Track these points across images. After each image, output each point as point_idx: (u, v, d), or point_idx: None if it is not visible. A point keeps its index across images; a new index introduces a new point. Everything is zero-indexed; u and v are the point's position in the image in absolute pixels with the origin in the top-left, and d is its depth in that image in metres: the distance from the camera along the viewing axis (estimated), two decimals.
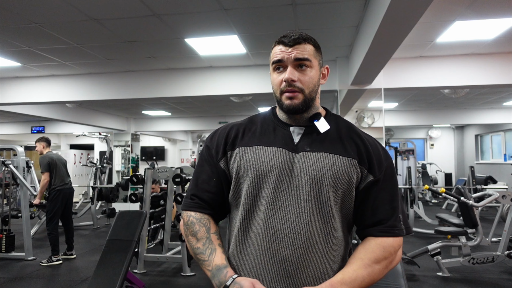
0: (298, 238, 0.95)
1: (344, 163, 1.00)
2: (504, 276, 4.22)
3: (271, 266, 0.95)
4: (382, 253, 0.97)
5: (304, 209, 0.96)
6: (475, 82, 4.55)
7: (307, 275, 0.95)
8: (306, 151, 1.01)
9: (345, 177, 0.99)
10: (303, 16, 3.37)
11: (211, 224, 1.05)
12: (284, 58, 1.02)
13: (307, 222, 0.95)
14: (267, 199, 0.98)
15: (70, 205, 5.15)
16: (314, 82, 1.04)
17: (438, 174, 11.85)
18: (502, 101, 8.24)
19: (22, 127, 10.38)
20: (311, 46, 1.04)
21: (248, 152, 1.04)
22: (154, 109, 9.06)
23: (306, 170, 0.98)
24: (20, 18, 3.38)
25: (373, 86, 4.46)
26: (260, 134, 1.06)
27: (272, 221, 0.96)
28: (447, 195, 4.54)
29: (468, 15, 3.35)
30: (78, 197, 10.44)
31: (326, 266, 0.97)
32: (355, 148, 1.03)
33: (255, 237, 0.98)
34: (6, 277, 4.26)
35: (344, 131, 1.06)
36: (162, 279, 4.20)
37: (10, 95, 5.64)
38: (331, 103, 8.05)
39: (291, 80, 1.00)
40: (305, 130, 1.05)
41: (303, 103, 1.02)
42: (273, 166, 1.00)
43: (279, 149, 1.02)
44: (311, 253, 0.95)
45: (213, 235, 1.03)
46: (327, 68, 1.10)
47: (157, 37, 3.91)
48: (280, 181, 0.99)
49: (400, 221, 1.02)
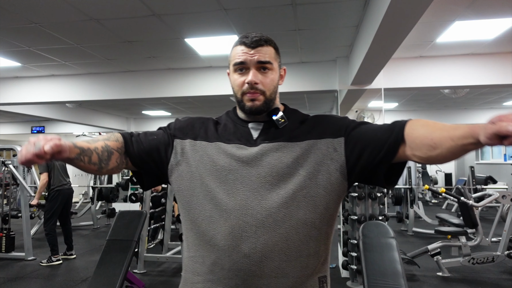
0: (261, 226, 0.95)
1: (303, 147, 1.01)
2: (504, 276, 4.23)
3: (236, 256, 0.96)
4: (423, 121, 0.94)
5: (265, 197, 0.97)
6: (475, 82, 4.55)
7: (274, 260, 0.96)
8: (265, 143, 1.02)
9: (305, 160, 1.00)
10: (303, 16, 3.37)
11: (117, 143, 1.05)
12: (246, 60, 1.02)
13: (268, 209, 0.96)
14: (227, 191, 0.99)
15: (69, 205, 5.16)
16: (275, 84, 1.07)
17: (438, 174, 11.86)
18: (502, 101, 8.24)
19: (22, 127, 10.39)
20: (272, 49, 1.06)
21: (209, 147, 1.05)
22: (154, 109, 9.06)
23: (266, 160, 1.00)
24: (20, 18, 3.38)
25: (373, 86, 4.46)
26: (221, 131, 1.08)
27: (233, 212, 0.97)
28: (447, 195, 4.54)
29: (468, 15, 3.35)
30: (78, 197, 10.44)
31: (291, 249, 0.97)
32: (313, 131, 1.05)
33: (217, 229, 0.98)
34: (6, 277, 4.26)
35: (299, 121, 1.09)
36: (162, 279, 4.20)
37: (10, 95, 5.64)
38: (331, 103, 8.06)
39: (254, 83, 1.02)
40: (263, 125, 1.07)
41: (264, 105, 1.04)
42: (231, 160, 1.01)
43: (237, 145, 1.03)
44: (274, 238, 0.96)
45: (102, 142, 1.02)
46: (284, 69, 1.13)
47: (157, 37, 3.91)
48: (239, 173, 0.99)
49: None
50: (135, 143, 1.08)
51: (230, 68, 1.09)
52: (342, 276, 4.31)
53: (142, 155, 1.08)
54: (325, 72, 4.85)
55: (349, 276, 4.06)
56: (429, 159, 0.90)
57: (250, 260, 0.94)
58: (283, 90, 4.96)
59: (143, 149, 1.08)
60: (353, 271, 3.94)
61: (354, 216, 3.90)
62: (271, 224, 0.95)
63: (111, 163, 1.04)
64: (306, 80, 4.91)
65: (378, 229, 3.06)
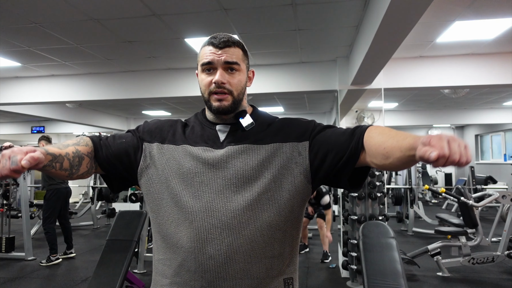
0: (226, 228, 0.96)
1: (268, 150, 1.02)
2: (504, 276, 4.23)
3: (201, 258, 0.96)
4: (386, 129, 0.94)
5: (229, 199, 0.98)
6: (475, 82, 4.55)
7: (239, 262, 0.97)
8: (231, 145, 1.03)
9: (271, 162, 1.01)
10: (303, 16, 3.37)
11: (86, 148, 1.04)
12: (214, 60, 1.04)
13: (233, 211, 0.97)
14: (193, 194, 0.99)
15: (67, 204, 5.17)
16: (242, 85, 1.07)
17: (438, 174, 11.86)
18: (502, 101, 8.24)
19: (22, 127, 10.39)
20: (239, 50, 1.07)
21: (176, 150, 1.05)
22: (154, 109, 9.06)
23: (231, 163, 1.00)
24: (20, 18, 3.38)
25: (373, 86, 4.46)
26: (188, 134, 1.09)
27: (199, 214, 0.97)
28: (447, 195, 4.55)
29: (468, 15, 3.35)
30: (78, 197, 10.45)
31: (260, 250, 0.98)
32: (279, 134, 1.05)
33: (183, 232, 0.99)
34: (6, 277, 4.26)
35: (267, 124, 1.09)
36: None
37: (10, 95, 5.64)
38: (331, 103, 8.06)
39: (221, 83, 1.03)
40: (230, 127, 1.08)
41: (232, 105, 1.05)
42: (197, 163, 1.02)
43: (203, 148, 1.04)
44: (239, 240, 0.96)
45: (73, 147, 1.01)
46: (252, 71, 1.14)
47: (157, 37, 3.91)
48: (204, 176, 1.00)
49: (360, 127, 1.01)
50: (103, 146, 1.08)
51: (198, 69, 1.10)
52: (342, 276, 4.31)
53: (110, 159, 1.07)
54: (325, 72, 4.85)
55: (349, 276, 4.06)
56: (384, 167, 0.92)
57: (215, 262, 0.95)
58: (283, 90, 4.99)
59: (111, 152, 1.07)
60: (353, 271, 3.94)
61: (354, 216, 3.90)
62: (236, 226, 0.96)
63: (82, 169, 1.04)
64: (306, 80, 4.91)
65: (378, 229, 3.06)
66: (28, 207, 5.30)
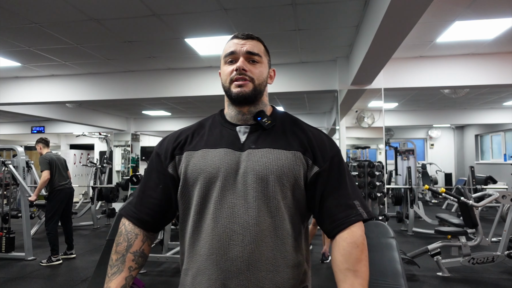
0: (248, 234, 0.95)
1: (289, 157, 1.01)
2: (504, 276, 4.22)
3: (223, 264, 0.96)
4: (357, 251, 0.97)
5: (252, 205, 0.97)
6: (475, 82, 4.55)
7: (259, 270, 0.95)
8: (252, 149, 1.02)
9: (290, 170, 1.00)
10: (303, 16, 3.37)
11: (136, 241, 1.07)
12: (236, 50, 1.05)
13: (255, 218, 0.96)
14: (215, 199, 0.99)
15: (70, 205, 5.16)
16: (264, 77, 1.08)
17: (438, 174, 11.86)
18: (502, 101, 8.24)
19: (22, 127, 10.39)
20: (261, 45, 1.10)
21: (195, 155, 1.05)
22: (154, 109, 9.06)
23: (251, 167, 0.99)
24: (20, 18, 3.38)
25: (373, 86, 4.46)
26: (207, 137, 1.08)
27: (221, 220, 0.97)
28: (447, 195, 4.54)
29: (468, 15, 3.35)
30: (78, 197, 10.44)
31: (278, 259, 0.98)
32: (299, 141, 1.04)
33: (205, 238, 0.99)
34: (6, 277, 4.26)
35: (288, 126, 1.08)
36: (162, 279, 4.20)
37: (10, 95, 5.64)
38: (331, 103, 8.06)
39: (242, 69, 1.03)
40: (250, 128, 1.07)
41: (253, 92, 1.04)
42: (219, 167, 1.01)
43: (225, 150, 1.03)
44: (261, 247, 0.96)
45: (130, 254, 1.06)
46: (273, 70, 1.15)
47: (157, 37, 3.91)
48: (227, 181, 0.99)
49: (355, 207, 1.01)
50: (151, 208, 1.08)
51: (221, 65, 1.10)
52: None
53: (164, 207, 1.09)
54: (325, 72, 4.85)
55: None
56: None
57: (238, 269, 0.95)
58: (283, 90, 4.99)
59: (161, 207, 1.09)
60: None
61: None
62: (258, 233, 0.96)
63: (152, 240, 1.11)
64: (306, 80, 4.91)
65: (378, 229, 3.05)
66: (28, 207, 5.29)
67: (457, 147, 13.00)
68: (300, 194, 1.02)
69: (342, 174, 1.04)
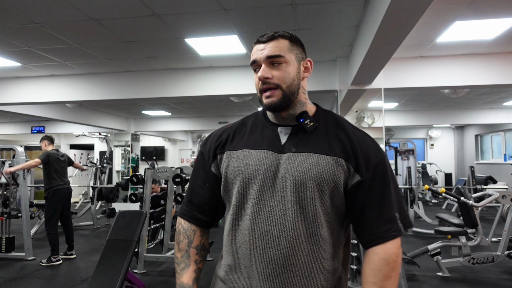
0: (284, 238, 0.96)
1: (330, 163, 0.98)
2: (504, 276, 4.23)
3: (259, 266, 0.97)
4: (388, 268, 0.96)
5: (289, 210, 0.97)
6: (475, 82, 4.55)
7: (294, 274, 0.96)
8: (292, 152, 1.00)
9: (330, 176, 0.97)
10: (303, 16, 3.37)
11: (196, 236, 1.12)
12: (257, 58, 1.03)
13: (293, 222, 0.96)
14: (253, 201, 0.99)
15: (69, 205, 5.15)
16: (292, 76, 1.02)
17: (438, 174, 11.86)
18: (502, 101, 8.24)
19: (22, 127, 10.38)
20: (285, 41, 1.03)
21: (236, 155, 1.05)
22: (154, 109, 9.06)
23: (290, 172, 0.98)
24: (20, 18, 3.38)
25: (373, 86, 4.46)
26: (248, 137, 1.07)
27: (258, 222, 0.98)
28: (447, 195, 4.54)
29: (468, 15, 3.35)
30: (78, 197, 10.44)
31: (313, 265, 0.97)
32: (342, 146, 1.00)
33: (243, 238, 1.00)
34: (6, 277, 4.26)
35: (332, 129, 1.04)
36: (162, 279, 4.20)
37: (10, 95, 5.64)
38: (331, 103, 8.06)
39: (264, 78, 1.01)
40: (292, 129, 1.04)
41: (282, 100, 1.02)
42: (258, 169, 1.00)
43: (264, 151, 1.02)
44: (297, 252, 0.96)
45: (193, 249, 1.11)
46: (309, 61, 1.08)
47: (157, 37, 3.91)
48: (265, 183, 0.99)
49: (395, 221, 0.99)
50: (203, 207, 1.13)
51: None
52: None
53: (214, 205, 1.13)
54: (325, 72, 4.85)
55: (349, 276, 4.06)
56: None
57: (273, 272, 0.96)
58: None
59: (210, 204, 1.12)
60: (353, 271, 3.94)
61: None
62: (294, 238, 0.96)
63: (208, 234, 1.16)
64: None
65: None
66: (28, 207, 5.29)
67: (457, 147, 13.00)
68: (339, 201, 1.00)
69: (386, 184, 1.00)
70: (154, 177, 4.83)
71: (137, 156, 10.68)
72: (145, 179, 4.64)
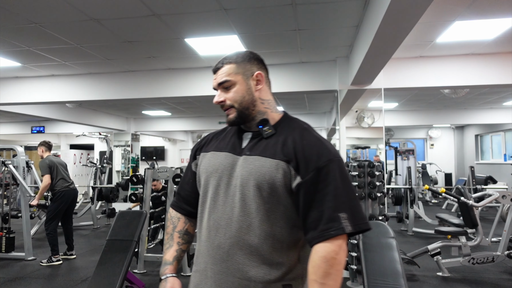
0: (230, 229, 1.10)
1: (272, 165, 1.09)
2: (504, 276, 4.23)
3: (211, 252, 1.13)
4: (326, 265, 1.01)
5: (237, 205, 1.10)
6: (475, 82, 4.55)
7: (237, 262, 1.09)
8: (246, 155, 1.14)
9: (270, 177, 1.08)
10: (303, 16, 3.37)
11: (180, 223, 1.31)
12: (214, 86, 1.21)
13: (238, 216, 1.09)
14: (211, 196, 1.17)
15: (73, 206, 5.16)
16: (242, 94, 1.17)
17: (438, 174, 11.86)
18: (502, 101, 8.24)
19: (22, 127, 10.38)
20: (231, 65, 1.17)
21: (206, 156, 1.23)
22: (154, 109, 9.07)
23: (241, 172, 1.12)
24: (20, 18, 3.38)
25: (373, 86, 4.46)
26: (220, 141, 1.25)
27: (213, 214, 1.14)
28: (447, 195, 4.54)
29: (468, 15, 3.35)
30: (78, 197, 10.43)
31: (254, 256, 1.08)
32: (287, 150, 1.10)
33: (203, 228, 1.18)
34: (6, 277, 4.26)
35: (286, 135, 1.14)
36: None
37: (10, 95, 5.64)
38: (331, 103, 8.06)
39: (217, 103, 1.20)
40: (252, 135, 1.19)
41: (237, 116, 1.17)
42: (217, 169, 1.17)
43: (226, 154, 1.18)
44: (240, 242, 1.09)
45: (176, 233, 1.30)
46: (259, 73, 1.19)
47: (157, 37, 3.91)
48: (221, 181, 1.15)
49: (338, 220, 1.03)
50: (187, 199, 1.32)
51: None
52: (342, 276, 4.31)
53: (196, 197, 1.28)
54: (325, 72, 4.85)
55: (349, 276, 4.06)
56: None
57: (220, 257, 1.11)
58: (283, 90, 4.99)
59: (193, 197, 1.30)
60: (353, 271, 3.94)
61: None
62: (238, 230, 1.09)
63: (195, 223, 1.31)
64: (306, 80, 4.91)
65: (378, 229, 3.06)
66: (28, 207, 5.29)
67: (457, 147, 13.00)
68: (285, 200, 1.09)
69: (329, 186, 1.05)
70: (154, 177, 4.83)
71: (137, 156, 10.68)
72: (145, 179, 4.64)
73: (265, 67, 1.23)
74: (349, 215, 1.03)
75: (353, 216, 1.04)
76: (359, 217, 1.05)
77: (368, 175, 3.92)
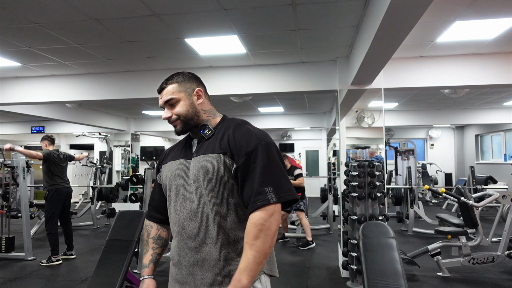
0: (193, 221, 1.30)
1: (213, 159, 1.29)
2: (504, 276, 4.23)
3: (181, 243, 1.33)
4: (255, 229, 1.19)
5: (194, 199, 1.30)
6: (475, 82, 4.55)
7: (204, 246, 1.28)
8: (194, 156, 1.34)
9: (215, 169, 1.27)
10: (303, 16, 3.37)
11: (152, 230, 1.51)
12: (160, 104, 1.43)
13: (197, 208, 1.29)
14: (173, 198, 1.37)
15: (69, 205, 5.15)
16: (186, 108, 1.38)
17: (438, 174, 11.86)
18: (502, 101, 8.24)
19: (22, 127, 10.38)
20: (174, 85, 1.40)
21: (165, 167, 1.44)
22: (154, 109, 9.07)
23: (192, 171, 1.32)
24: (20, 18, 3.38)
25: (373, 86, 4.46)
26: (175, 151, 1.46)
27: (178, 212, 1.35)
28: (447, 195, 4.54)
29: (468, 15, 3.35)
30: (78, 197, 10.45)
31: (218, 239, 1.27)
32: (224, 144, 1.30)
33: (173, 225, 1.37)
34: (6, 277, 4.26)
35: (224, 132, 1.34)
36: (162, 279, 4.18)
37: (10, 95, 5.64)
38: (331, 103, 8.06)
39: (165, 119, 1.41)
40: (198, 140, 1.40)
41: (183, 126, 1.39)
42: (174, 174, 1.38)
43: (180, 160, 1.39)
44: (203, 230, 1.29)
45: (150, 239, 1.50)
46: (199, 89, 1.43)
47: (157, 37, 3.91)
48: (179, 183, 1.35)
49: (264, 193, 1.21)
50: (157, 208, 1.52)
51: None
52: (342, 276, 4.31)
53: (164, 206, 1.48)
54: (325, 72, 4.85)
55: (349, 276, 4.06)
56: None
57: (190, 246, 1.30)
58: (283, 90, 4.99)
59: (162, 206, 1.49)
60: (353, 271, 3.94)
61: (354, 216, 3.89)
62: (199, 220, 1.29)
63: (167, 228, 1.53)
64: (306, 80, 4.91)
65: (378, 229, 3.06)
66: (28, 207, 5.29)
67: (457, 147, 13.00)
68: (232, 186, 1.29)
69: (257, 166, 1.24)
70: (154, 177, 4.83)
71: (137, 156, 10.68)
72: (145, 179, 4.64)
73: (203, 84, 1.46)
74: (274, 189, 1.22)
75: (278, 189, 1.22)
76: (284, 190, 1.23)
77: (368, 175, 3.92)
